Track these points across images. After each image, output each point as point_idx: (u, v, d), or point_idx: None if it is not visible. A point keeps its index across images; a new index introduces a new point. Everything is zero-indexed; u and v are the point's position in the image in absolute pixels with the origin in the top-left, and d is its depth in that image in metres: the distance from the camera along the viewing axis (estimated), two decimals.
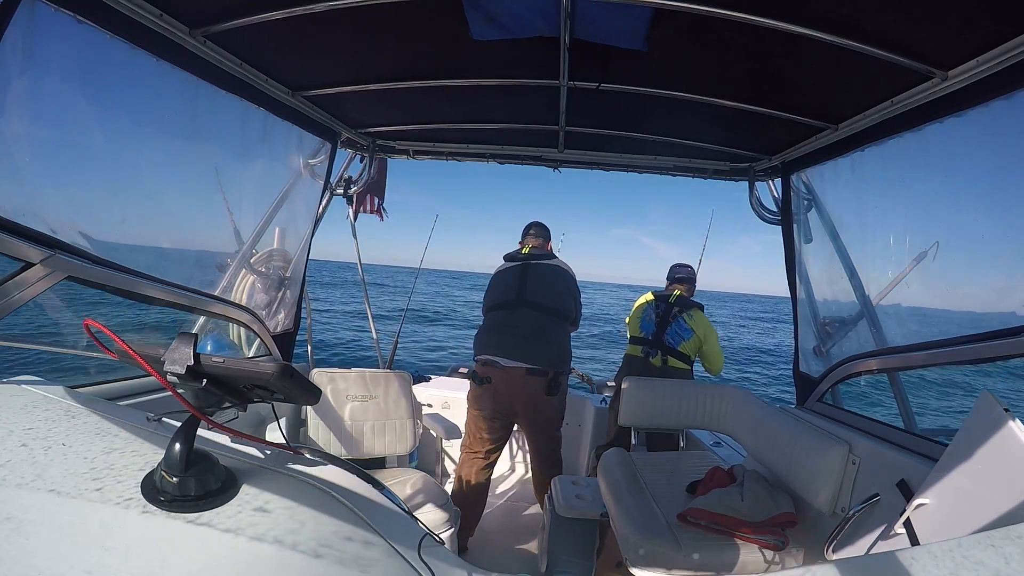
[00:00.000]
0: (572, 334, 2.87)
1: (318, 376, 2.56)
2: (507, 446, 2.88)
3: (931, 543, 0.65)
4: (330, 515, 0.76)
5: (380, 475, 2.44)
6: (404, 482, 2.34)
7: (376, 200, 3.53)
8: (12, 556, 0.60)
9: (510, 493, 3.47)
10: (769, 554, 1.81)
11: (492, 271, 2.95)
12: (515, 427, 2.84)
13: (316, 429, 2.49)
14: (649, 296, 3.42)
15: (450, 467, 3.53)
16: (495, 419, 2.68)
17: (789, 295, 2.62)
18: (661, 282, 3.59)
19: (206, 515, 0.70)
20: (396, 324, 4.13)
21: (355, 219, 3.43)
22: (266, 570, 0.65)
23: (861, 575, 0.64)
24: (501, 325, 2.69)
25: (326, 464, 0.89)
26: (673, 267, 3.58)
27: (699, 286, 3.61)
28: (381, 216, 3.55)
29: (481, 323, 2.83)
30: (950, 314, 1.78)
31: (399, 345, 3.96)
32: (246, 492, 0.76)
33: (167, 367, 0.74)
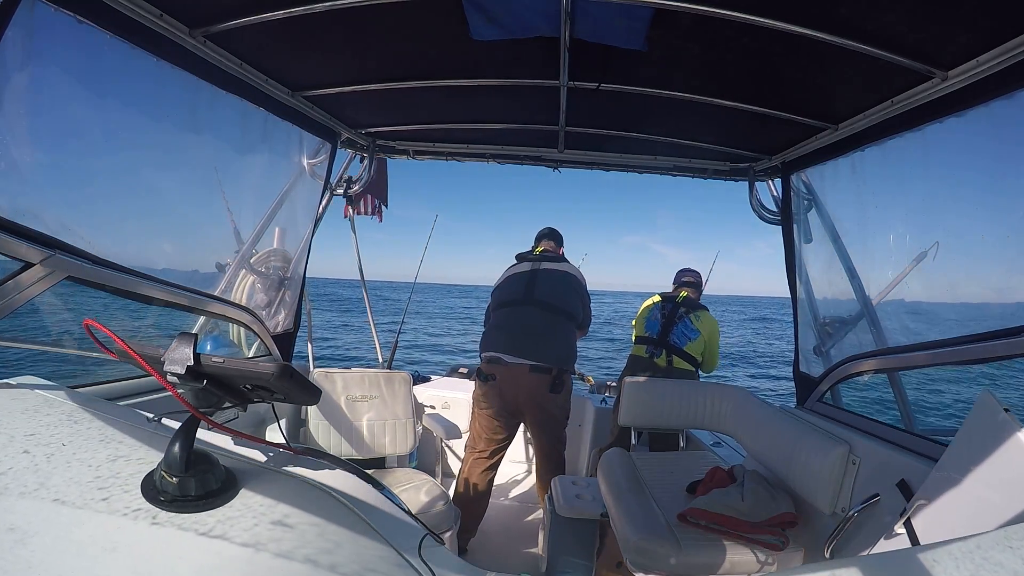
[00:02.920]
0: (580, 340, 2.87)
1: (318, 376, 2.56)
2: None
3: (935, 543, 0.65)
4: (330, 515, 0.76)
5: (380, 475, 2.44)
6: (404, 482, 2.34)
7: (376, 201, 3.53)
8: (15, 568, 0.60)
9: (511, 493, 3.47)
10: (769, 554, 1.81)
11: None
12: (520, 427, 2.84)
13: (316, 429, 2.49)
14: (656, 297, 3.45)
15: (450, 467, 3.54)
16: (500, 417, 2.68)
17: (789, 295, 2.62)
18: (671, 287, 3.61)
19: (206, 516, 0.70)
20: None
21: (350, 216, 3.42)
22: (266, 570, 0.65)
23: (861, 574, 0.64)
24: (507, 322, 2.70)
25: (326, 464, 0.89)
26: (680, 272, 3.63)
27: (708, 290, 3.65)
28: (380, 216, 3.56)
29: (489, 321, 2.84)
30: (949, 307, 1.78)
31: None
32: (246, 492, 0.76)
33: (167, 367, 0.74)
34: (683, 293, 3.39)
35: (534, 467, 2.91)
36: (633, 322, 3.54)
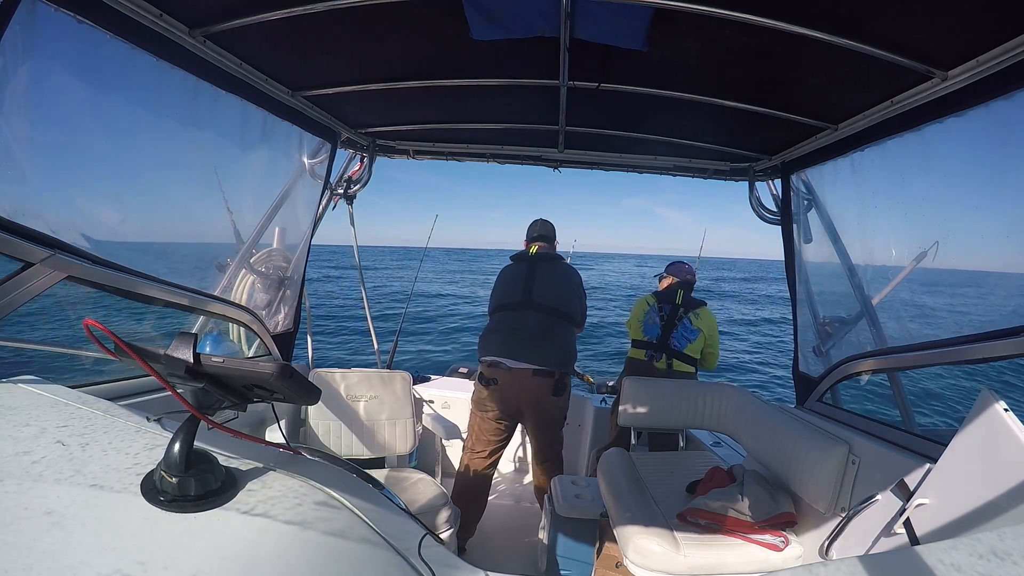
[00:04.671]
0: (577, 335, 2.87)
1: (318, 376, 2.55)
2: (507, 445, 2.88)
3: (933, 542, 0.66)
4: (330, 515, 0.76)
5: (380, 475, 2.44)
6: (404, 482, 2.34)
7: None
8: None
9: (510, 493, 3.47)
10: (769, 554, 1.81)
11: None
12: (518, 427, 2.84)
13: (316, 429, 2.49)
14: (650, 298, 3.39)
15: (450, 467, 3.54)
16: (500, 420, 2.69)
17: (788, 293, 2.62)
18: (675, 251, 3.58)
19: (206, 515, 0.70)
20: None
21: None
22: (266, 570, 0.65)
23: (861, 574, 0.64)
24: (507, 326, 2.69)
25: (326, 464, 0.90)
26: (671, 265, 3.56)
27: (710, 253, 3.62)
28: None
29: (487, 324, 2.83)
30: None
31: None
32: (246, 492, 0.76)
33: (167, 367, 0.74)
34: (681, 292, 3.33)
35: (532, 468, 2.91)
36: (627, 323, 3.51)
